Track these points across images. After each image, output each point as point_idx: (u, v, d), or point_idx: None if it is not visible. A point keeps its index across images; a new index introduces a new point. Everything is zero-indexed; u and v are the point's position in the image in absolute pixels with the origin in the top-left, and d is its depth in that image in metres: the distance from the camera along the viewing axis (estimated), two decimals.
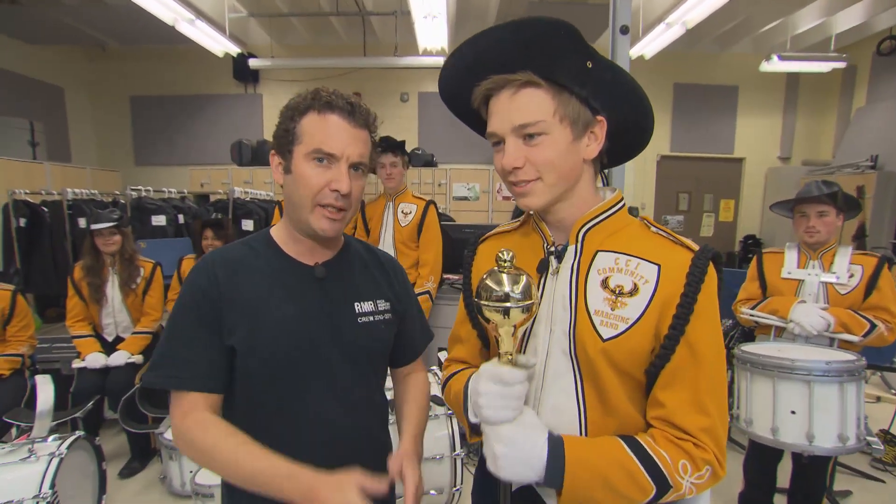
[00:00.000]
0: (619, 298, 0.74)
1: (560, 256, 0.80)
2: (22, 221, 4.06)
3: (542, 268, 0.80)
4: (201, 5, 4.89)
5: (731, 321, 2.75)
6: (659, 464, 0.70)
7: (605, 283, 0.76)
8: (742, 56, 6.37)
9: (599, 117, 0.76)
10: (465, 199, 5.95)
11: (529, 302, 0.69)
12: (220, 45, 5.16)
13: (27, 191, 4.21)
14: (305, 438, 0.89)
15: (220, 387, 0.88)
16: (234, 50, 5.36)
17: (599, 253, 0.78)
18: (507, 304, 0.69)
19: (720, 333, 0.75)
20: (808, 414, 1.57)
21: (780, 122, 6.66)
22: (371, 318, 0.95)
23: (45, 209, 4.08)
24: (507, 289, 0.69)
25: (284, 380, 0.88)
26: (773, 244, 6.36)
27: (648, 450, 0.71)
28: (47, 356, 2.72)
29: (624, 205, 0.82)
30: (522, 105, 0.73)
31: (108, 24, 5.25)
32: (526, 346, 0.81)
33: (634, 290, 0.74)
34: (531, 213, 0.87)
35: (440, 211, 5.55)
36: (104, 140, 6.79)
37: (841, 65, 5.46)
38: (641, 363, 0.74)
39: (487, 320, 0.71)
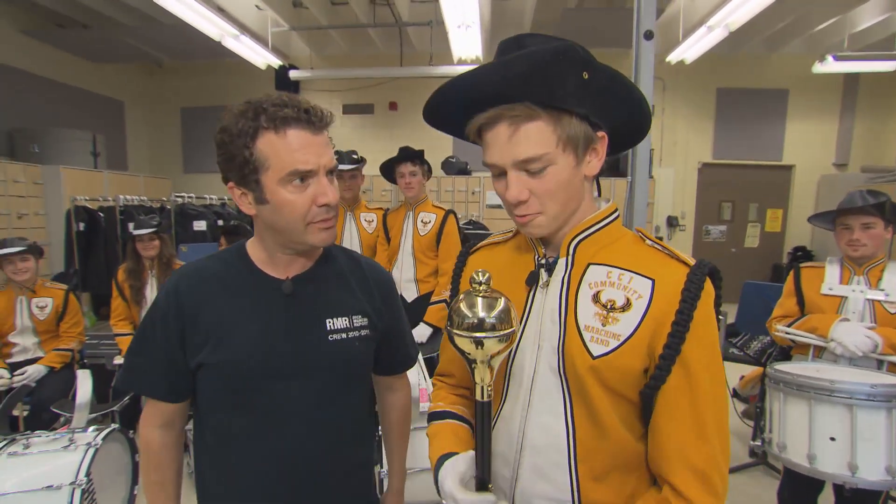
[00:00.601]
0: (611, 314, 0.71)
1: (550, 269, 0.77)
2: (81, 226, 4.39)
3: (532, 280, 0.78)
4: (246, 21, 5.15)
5: (768, 338, 2.59)
6: None
7: (596, 298, 0.73)
8: (793, 57, 6.05)
9: (600, 133, 0.74)
10: (499, 206, 5.89)
11: (508, 331, 0.64)
12: (262, 57, 5.40)
13: (87, 197, 4.54)
14: (268, 456, 0.88)
15: (179, 398, 0.92)
16: (276, 62, 5.60)
17: (591, 266, 0.75)
18: (481, 334, 0.63)
19: (718, 353, 0.71)
20: (851, 442, 1.44)
21: (836, 127, 6.25)
22: (344, 336, 0.91)
23: (101, 214, 4.38)
24: (481, 314, 0.63)
25: (249, 398, 0.87)
26: (824, 256, 5.95)
27: None
28: (94, 352, 2.90)
29: (618, 216, 0.80)
30: (523, 139, 0.69)
31: (163, 41, 5.61)
32: (513, 363, 0.78)
33: (627, 306, 0.71)
34: None
35: (475, 219, 5.59)
36: (157, 149, 7.22)
37: None
38: (634, 383, 0.71)
39: (461, 350, 0.67)
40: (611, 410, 0.71)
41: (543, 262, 0.79)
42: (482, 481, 0.72)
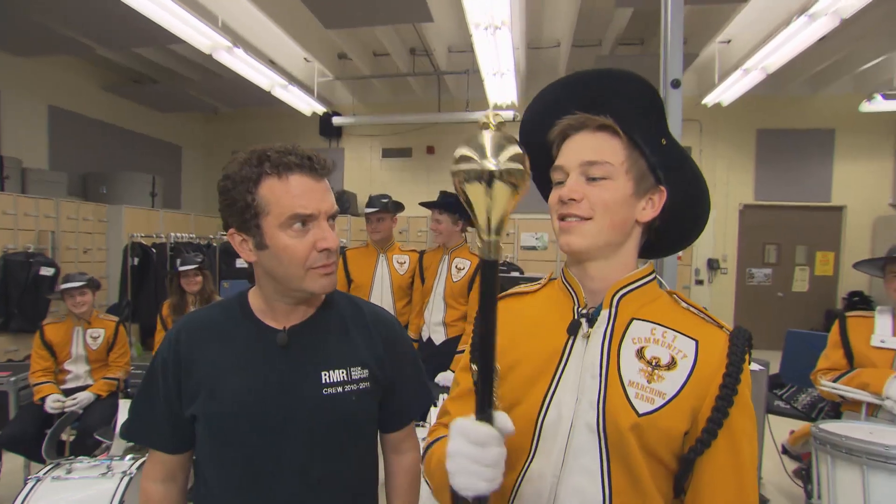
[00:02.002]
0: (657, 371, 0.69)
1: (592, 321, 0.74)
2: (135, 261, 4.70)
3: (573, 330, 0.75)
4: (294, 72, 5.55)
5: (817, 393, 2.42)
6: None
7: (640, 353, 0.71)
8: (838, 97, 5.89)
9: (661, 187, 0.76)
10: (534, 248, 5.92)
11: (519, 167, 0.54)
12: (308, 105, 5.77)
13: (143, 234, 4.88)
14: None
15: (181, 448, 0.90)
16: (321, 109, 5.95)
17: (634, 321, 0.74)
18: (490, 168, 0.53)
19: (755, 419, 0.71)
20: None
21: (891, 166, 5.97)
22: (340, 390, 0.87)
23: (154, 250, 4.69)
24: (490, 152, 0.55)
25: (237, 451, 0.84)
26: (884, 302, 5.54)
27: None
28: (138, 381, 3.03)
29: (655, 277, 0.79)
30: (596, 145, 0.73)
31: (220, 92, 6.11)
32: (545, 417, 0.73)
33: (672, 364, 0.69)
34: (562, 271, 0.82)
35: (509, 260, 5.60)
36: (210, 190, 7.71)
37: None
38: (673, 446, 0.68)
39: (465, 197, 0.58)
40: (648, 473, 0.68)
41: (584, 311, 0.76)
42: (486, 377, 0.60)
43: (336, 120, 6.11)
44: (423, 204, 2.63)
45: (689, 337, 0.71)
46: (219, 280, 4.27)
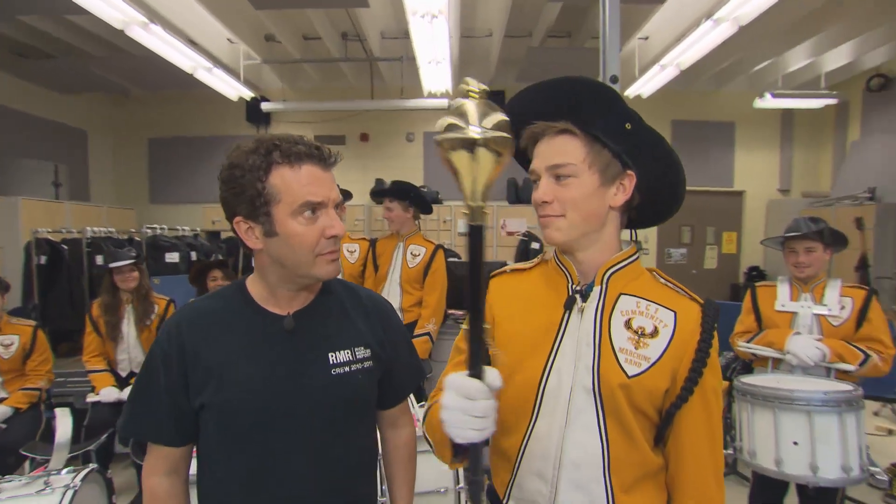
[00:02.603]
0: (642, 339, 0.81)
1: (585, 296, 0.84)
2: (42, 259, 4.21)
3: (570, 305, 0.84)
4: (218, 54, 5.19)
5: (731, 354, 2.77)
6: None
7: (628, 324, 0.82)
8: (738, 93, 6.57)
9: (629, 171, 0.83)
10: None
11: (501, 135, 0.57)
12: (234, 90, 5.44)
13: (49, 229, 4.38)
14: (272, 496, 0.87)
15: (185, 440, 0.91)
16: (248, 94, 5.64)
17: (622, 296, 0.84)
18: (475, 136, 0.56)
19: (721, 377, 0.86)
20: (811, 445, 1.58)
21: (778, 156, 6.79)
22: (347, 369, 0.90)
23: (65, 247, 4.23)
24: (475, 119, 0.57)
25: (251, 437, 0.86)
26: (777, 275, 6.36)
27: None
28: (62, 390, 2.79)
29: (638, 257, 0.89)
30: (557, 149, 0.82)
31: (132, 72, 5.56)
32: (546, 382, 0.82)
33: (655, 333, 0.81)
34: (555, 253, 0.90)
35: (447, 247, 5.70)
36: (122, 180, 7.05)
37: (832, 101, 5.63)
38: (656, 402, 0.80)
39: (451, 165, 0.61)
40: (636, 425, 0.80)
41: (579, 288, 0.86)
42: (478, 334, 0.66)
43: (265, 106, 5.82)
44: (373, 193, 2.64)
45: (668, 308, 0.83)
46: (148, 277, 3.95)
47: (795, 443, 1.61)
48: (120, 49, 5.12)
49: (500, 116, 0.58)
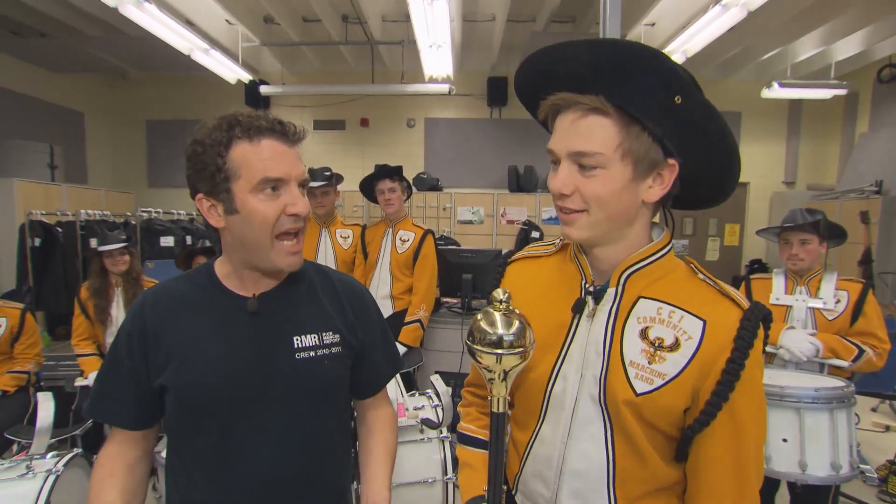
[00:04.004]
0: (658, 352, 0.69)
1: (598, 298, 0.74)
2: (37, 241, 4.19)
3: (578, 308, 0.75)
4: (216, 35, 5.11)
5: None
6: None
7: (644, 334, 0.71)
8: (745, 83, 6.45)
9: (672, 160, 0.68)
10: (470, 222, 6.01)
11: (522, 349, 0.64)
12: (232, 72, 5.36)
13: (43, 212, 4.35)
14: (235, 482, 0.85)
15: (146, 424, 0.90)
16: (247, 77, 5.56)
17: (641, 300, 0.72)
18: (501, 351, 0.63)
19: (764, 399, 0.71)
20: (800, 442, 1.56)
21: (784, 148, 6.68)
22: (313, 354, 0.87)
23: (60, 230, 4.21)
24: (500, 331, 0.64)
25: (212, 420, 0.84)
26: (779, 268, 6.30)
27: None
28: (52, 373, 2.78)
29: (672, 247, 0.75)
30: (584, 132, 0.66)
31: (128, 53, 5.49)
32: (553, 387, 0.76)
33: (675, 346, 0.69)
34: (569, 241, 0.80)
35: (446, 234, 5.65)
36: (119, 163, 7.00)
37: (842, 92, 5.50)
38: (673, 421, 0.70)
39: (480, 363, 0.65)
40: (647, 440, 0.71)
41: (591, 289, 0.75)
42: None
43: (264, 89, 5.74)
44: (376, 174, 2.58)
45: (696, 317, 0.69)
46: (142, 260, 3.94)
47: (784, 440, 1.58)
48: (115, 28, 5.04)
49: (518, 323, 0.65)
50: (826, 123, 6.58)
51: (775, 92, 5.40)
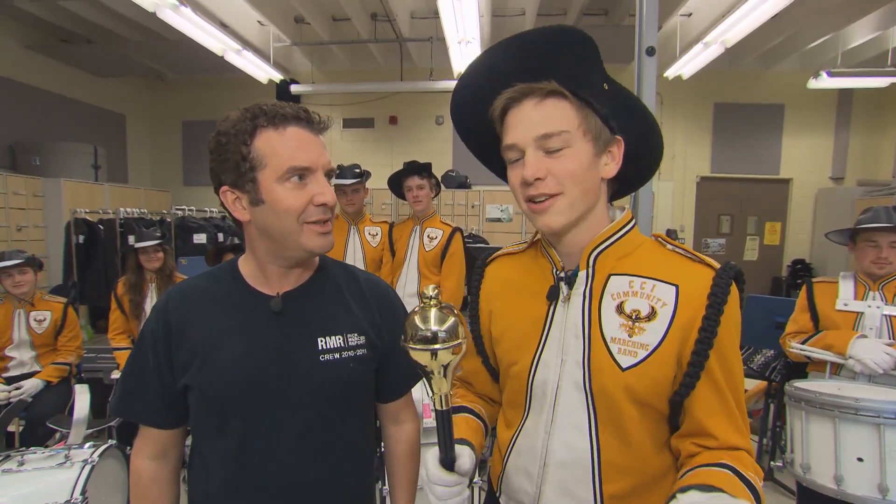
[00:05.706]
0: (637, 324, 0.70)
1: (571, 282, 0.75)
2: (80, 238, 4.38)
3: (553, 295, 0.76)
4: (248, 36, 5.21)
5: (773, 351, 2.57)
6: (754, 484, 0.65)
7: (620, 308, 0.71)
8: (788, 74, 6.13)
9: (618, 137, 0.73)
10: (499, 220, 5.93)
11: (457, 342, 0.66)
12: (264, 72, 5.46)
13: (87, 210, 4.54)
14: (254, 486, 0.83)
15: (173, 423, 0.88)
16: (277, 77, 5.65)
17: (612, 277, 0.74)
18: (435, 346, 0.65)
19: (739, 356, 0.72)
20: (880, 462, 1.35)
21: (832, 141, 6.32)
22: (337, 356, 0.85)
23: (101, 227, 4.37)
24: (433, 327, 0.65)
25: (234, 420, 0.82)
26: (824, 269, 5.97)
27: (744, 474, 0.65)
28: (92, 366, 2.87)
29: (634, 224, 0.78)
30: (547, 115, 0.69)
31: (166, 56, 5.66)
32: (534, 378, 0.76)
33: (652, 314, 0.70)
34: (538, 237, 0.83)
35: (474, 232, 5.60)
36: (158, 162, 7.25)
37: None
38: (664, 393, 0.70)
39: (417, 363, 0.68)
40: (637, 424, 0.70)
41: (563, 275, 0.76)
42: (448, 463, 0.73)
43: (294, 88, 5.82)
44: (405, 171, 2.55)
45: (668, 283, 0.71)
46: (176, 257, 4.05)
47: (860, 459, 1.41)
48: (154, 33, 5.21)
49: (452, 318, 0.67)
50: (880, 114, 6.19)
51: (824, 82, 5.10)
